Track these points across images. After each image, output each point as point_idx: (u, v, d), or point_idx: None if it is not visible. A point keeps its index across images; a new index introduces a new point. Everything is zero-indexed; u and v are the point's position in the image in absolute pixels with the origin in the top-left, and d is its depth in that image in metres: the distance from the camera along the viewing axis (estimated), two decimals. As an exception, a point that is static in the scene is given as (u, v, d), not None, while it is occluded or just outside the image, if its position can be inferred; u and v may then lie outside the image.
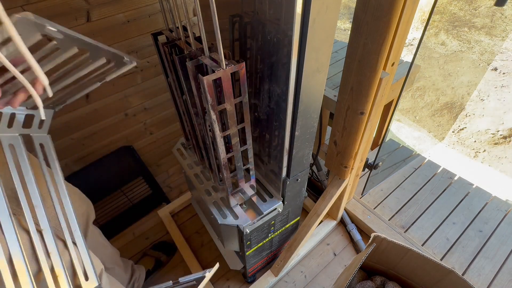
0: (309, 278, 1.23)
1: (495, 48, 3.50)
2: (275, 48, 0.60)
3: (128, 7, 1.06)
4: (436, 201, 1.44)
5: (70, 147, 1.20)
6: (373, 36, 0.74)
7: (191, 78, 0.60)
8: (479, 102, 2.88)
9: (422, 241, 1.29)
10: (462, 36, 3.75)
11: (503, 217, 1.36)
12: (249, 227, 0.85)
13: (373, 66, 0.78)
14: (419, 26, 3.97)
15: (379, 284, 0.98)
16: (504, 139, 2.52)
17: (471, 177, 1.54)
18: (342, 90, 0.91)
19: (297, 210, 1.06)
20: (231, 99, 0.59)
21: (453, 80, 3.15)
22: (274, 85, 0.66)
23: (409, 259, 0.90)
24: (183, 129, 1.00)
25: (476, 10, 4.11)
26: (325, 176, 1.37)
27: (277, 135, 0.76)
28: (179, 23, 0.66)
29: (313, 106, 0.70)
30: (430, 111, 2.86)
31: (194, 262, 1.26)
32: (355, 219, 1.38)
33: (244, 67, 0.56)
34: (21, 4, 0.86)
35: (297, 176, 0.86)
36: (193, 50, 0.63)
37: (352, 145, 0.98)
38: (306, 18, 0.52)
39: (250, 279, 1.20)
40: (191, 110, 0.75)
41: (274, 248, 1.16)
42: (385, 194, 1.48)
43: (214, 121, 0.60)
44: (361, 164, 1.16)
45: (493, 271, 1.18)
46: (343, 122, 0.96)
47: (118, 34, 1.09)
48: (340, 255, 1.30)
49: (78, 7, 0.96)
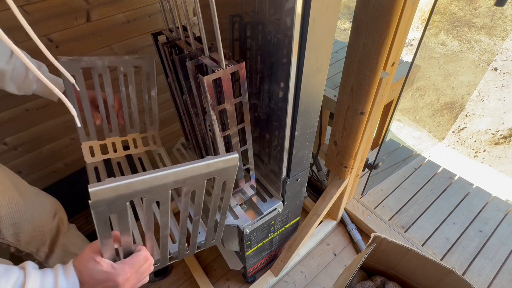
0: (309, 278, 1.23)
1: (495, 48, 3.50)
2: (275, 48, 0.60)
3: (128, 7, 1.06)
4: (436, 201, 1.44)
5: (70, 147, 1.20)
6: (373, 36, 0.74)
7: (191, 78, 0.60)
8: (479, 102, 2.88)
9: (422, 241, 1.29)
10: (462, 36, 3.75)
11: (503, 217, 1.36)
12: (249, 227, 0.85)
13: (373, 66, 0.78)
14: (419, 26, 3.97)
15: (379, 284, 0.98)
16: (504, 139, 2.52)
17: (471, 177, 1.54)
18: (342, 90, 0.91)
19: (297, 210, 1.06)
20: (231, 99, 0.59)
21: (453, 80, 3.14)
22: (274, 85, 0.66)
23: (409, 259, 0.89)
24: (183, 129, 1.00)
25: (476, 10, 4.11)
26: (325, 176, 1.37)
27: (277, 135, 0.76)
28: (179, 23, 0.66)
29: (313, 106, 0.70)
30: (430, 111, 2.86)
31: (194, 262, 1.26)
32: (355, 219, 1.38)
33: (244, 67, 0.56)
34: (21, 4, 0.86)
35: (297, 176, 0.86)
36: (193, 50, 0.63)
37: (352, 145, 0.98)
38: (306, 18, 0.52)
39: (250, 279, 1.20)
40: (191, 110, 0.75)
41: (274, 248, 1.16)
42: (385, 194, 1.48)
43: (214, 121, 0.59)
44: (361, 164, 1.16)
45: (493, 271, 1.18)
46: (343, 122, 0.96)
47: (118, 34, 1.08)
48: (340, 255, 1.30)
49: (78, 7, 0.96)
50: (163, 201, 0.45)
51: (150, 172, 0.40)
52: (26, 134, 1.06)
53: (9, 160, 1.06)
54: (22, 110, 1.01)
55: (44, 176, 1.19)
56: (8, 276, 0.42)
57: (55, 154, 1.18)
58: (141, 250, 0.50)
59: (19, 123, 1.03)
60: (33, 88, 0.75)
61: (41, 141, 1.11)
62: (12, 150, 1.06)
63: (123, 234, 0.46)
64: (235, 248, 0.99)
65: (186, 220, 0.55)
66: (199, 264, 1.25)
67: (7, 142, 1.04)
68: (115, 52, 1.11)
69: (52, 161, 1.19)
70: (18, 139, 1.05)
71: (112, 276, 0.45)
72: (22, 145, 1.07)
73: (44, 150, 1.14)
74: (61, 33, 0.96)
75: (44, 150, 1.14)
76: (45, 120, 1.08)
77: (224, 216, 0.61)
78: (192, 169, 0.43)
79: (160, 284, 1.22)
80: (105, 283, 0.46)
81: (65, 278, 0.45)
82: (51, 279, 0.44)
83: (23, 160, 1.10)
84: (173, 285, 1.22)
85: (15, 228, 0.74)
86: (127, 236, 0.46)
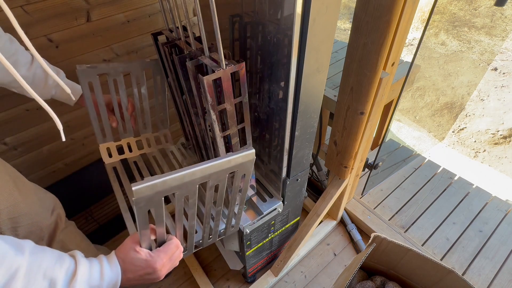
0: (309, 278, 1.23)
1: (495, 48, 3.50)
2: (275, 48, 0.60)
3: (128, 7, 1.06)
4: (436, 201, 1.44)
5: (70, 147, 1.20)
6: (373, 36, 0.74)
7: (191, 78, 0.60)
8: (479, 102, 2.88)
9: (422, 241, 1.29)
10: (462, 36, 3.75)
11: (503, 217, 1.36)
12: (249, 227, 0.85)
13: (373, 66, 0.78)
14: (419, 26, 3.97)
15: (379, 284, 0.98)
16: (504, 139, 2.52)
17: (471, 177, 1.54)
18: (342, 90, 0.91)
19: (297, 210, 1.06)
20: (231, 99, 0.59)
21: (453, 80, 3.15)
22: (274, 85, 0.66)
23: (409, 259, 0.90)
24: (183, 129, 1.00)
25: (476, 10, 4.11)
26: (325, 176, 1.37)
27: (277, 135, 0.76)
28: (179, 23, 0.66)
29: (313, 106, 0.70)
30: (430, 111, 2.86)
31: (194, 262, 1.26)
32: (355, 219, 1.38)
33: (244, 67, 0.56)
34: (21, 4, 0.86)
35: (297, 176, 0.86)
36: (193, 50, 0.63)
37: (352, 145, 0.98)
38: (306, 18, 0.52)
39: (250, 279, 1.20)
40: (191, 110, 0.75)
41: (274, 248, 1.16)
42: (385, 194, 1.48)
43: (214, 121, 0.60)
44: (361, 164, 1.16)
45: (493, 271, 1.18)
46: (343, 122, 0.96)
47: (118, 34, 1.08)
48: (340, 255, 1.30)
49: (78, 7, 0.96)
50: (191, 195, 0.50)
51: (181, 170, 0.45)
52: (26, 134, 1.06)
53: (9, 160, 1.06)
54: (22, 110, 1.01)
55: (44, 176, 1.19)
56: (62, 263, 0.45)
57: (55, 154, 1.17)
58: (172, 239, 0.56)
59: (19, 123, 1.03)
60: (52, 93, 0.79)
61: (41, 141, 1.11)
62: (12, 150, 1.06)
63: (158, 225, 0.52)
64: (235, 248, 0.99)
65: (210, 211, 0.60)
66: (199, 264, 1.25)
67: (7, 142, 1.04)
68: (115, 52, 1.11)
69: (52, 161, 1.19)
70: (18, 139, 1.05)
71: (150, 263, 0.51)
72: (22, 145, 1.07)
73: (44, 150, 1.14)
74: (61, 33, 0.96)
75: (44, 150, 1.14)
76: (45, 120, 1.08)
77: (242, 205, 0.68)
78: (216, 165, 0.48)
79: (160, 284, 1.22)
80: (145, 269, 0.52)
81: (109, 266, 0.50)
82: (97, 268, 0.49)
83: (23, 160, 1.10)
84: (173, 285, 1.22)
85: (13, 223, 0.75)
86: (161, 227, 0.52)
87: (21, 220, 0.77)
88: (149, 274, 0.52)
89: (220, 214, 0.64)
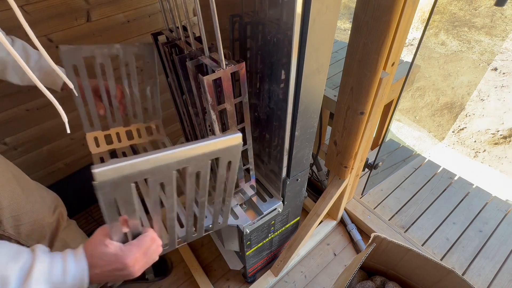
0: (309, 278, 1.23)
1: (495, 48, 3.50)
2: (275, 48, 0.60)
3: (128, 7, 1.06)
4: (436, 201, 1.44)
5: (70, 147, 1.20)
6: (373, 36, 0.74)
7: (191, 78, 0.60)
8: (479, 102, 2.88)
9: (422, 241, 1.29)
10: (462, 36, 3.75)
11: (503, 217, 1.36)
12: (249, 227, 0.85)
13: (373, 66, 0.78)
14: (419, 26, 3.97)
15: (379, 284, 0.98)
16: (504, 139, 2.52)
17: (471, 177, 1.54)
18: (342, 90, 0.91)
19: (297, 210, 1.06)
20: (231, 99, 0.59)
21: (453, 80, 3.15)
22: (274, 85, 0.66)
23: (409, 259, 0.90)
24: (183, 129, 1.00)
25: (476, 10, 4.11)
26: (325, 176, 1.37)
27: (277, 135, 0.76)
28: (179, 23, 0.66)
29: (313, 106, 0.70)
30: (430, 111, 2.86)
31: (194, 262, 1.26)
32: (355, 219, 1.38)
33: (244, 67, 0.56)
34: (21, 4, 0.86)
35: (297, 176, 0.86)
36: (193, 50, 0.63)
37: (352, 145, 0.98)
38: (306, 18, 0.52)
39: (250, 279, 1.20)
40: (191, 110, 0.75)
41: (274, 248, 1.16)
42: (385, 194, 1.48)
43: (214, 121, 0.60)
44: (361, 164, 1.16)
45: (493, 271, 1.18)
46: (343, 122, 0.96)
47: (118, 34, 1.08)
48: (340, 255, 1.30)
49: (78, 7, 0.96)
50: (167, 182, 0.45)
51: (153, 152, 0.40)
52: (26, 134, 1.06)
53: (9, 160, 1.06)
54: (22, 110, 1.01)
55: (44, 176, 1.19)
56: (17, 259, 0.42)
57: (55, 154, 1.18)
58: (147, 231, 0.51)
59: (19, 123, 1.03)
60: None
61: (41, 141, 1.11)
62: (12, 150, 1.06)
63: (130, 217, 0.47)
64: (235, 248, 0.99)
65: (192, 202, 0.55)
66: (199, 264, 1.25)
67: (7, 142, 1.04)
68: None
69: (52, 161, 1.19)
70: (18, 139, 1.05)
71: (120, 258, 0.47)
72: (22, 145, 1.07)
73: (44, 150, 1.14)
74: (61, 33, 0.96)
75: (44, 150, 1.14)
76: (45, 120, 1.08)
77: (229, 197, 0.62)
78: (194, 148, 0.43)
79: (160, 284, 1.22)
80: (114, 265, 0.47)
81: (74, 262, 0.46)
82: (59, 263, 0.45)
83: (23, 160, 1.10)
84: (173, 285, 1.22)
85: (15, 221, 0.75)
86: (134, 219, 0.47)
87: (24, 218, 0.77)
88: (120, 270, 0.48)
89: (204, 206, 0.58)
